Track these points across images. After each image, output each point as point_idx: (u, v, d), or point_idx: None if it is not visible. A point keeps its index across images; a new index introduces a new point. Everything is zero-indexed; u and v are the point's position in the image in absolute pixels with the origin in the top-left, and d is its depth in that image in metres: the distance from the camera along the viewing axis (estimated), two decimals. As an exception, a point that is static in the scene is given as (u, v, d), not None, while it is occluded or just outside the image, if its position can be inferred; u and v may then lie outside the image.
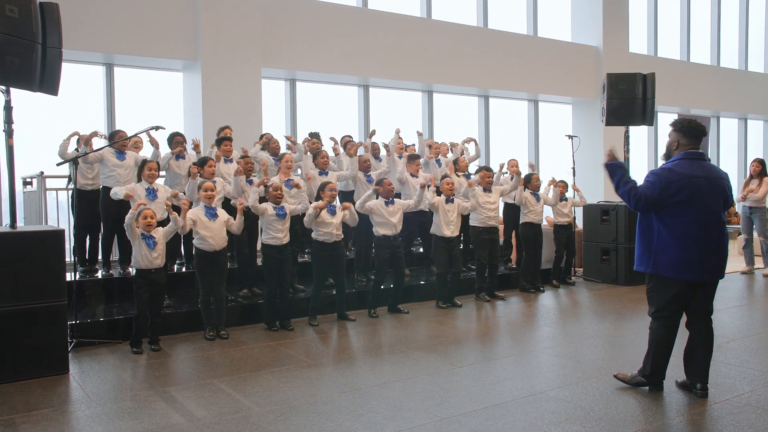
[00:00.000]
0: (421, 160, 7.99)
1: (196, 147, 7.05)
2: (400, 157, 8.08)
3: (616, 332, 5.97)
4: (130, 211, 5.33)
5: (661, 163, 4.19)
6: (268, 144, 7.52)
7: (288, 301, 6.17)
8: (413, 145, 8.61)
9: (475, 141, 8.85)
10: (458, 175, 7.90)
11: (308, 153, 7.36)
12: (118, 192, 5.92)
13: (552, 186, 8.29)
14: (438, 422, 3.72)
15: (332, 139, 8.06)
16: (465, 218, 7.63)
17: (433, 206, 6.94)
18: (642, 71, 8.82)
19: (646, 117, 8.72)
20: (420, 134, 8.34)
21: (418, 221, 7.67)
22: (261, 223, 6.14)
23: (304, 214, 6.25)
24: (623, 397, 4.11)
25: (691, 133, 4.00)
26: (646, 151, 14.88)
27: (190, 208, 5.77)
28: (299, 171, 7.52)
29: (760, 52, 17.03)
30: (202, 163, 6.24)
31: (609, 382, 4.39)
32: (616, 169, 4.09)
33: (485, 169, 7.54)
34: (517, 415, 3.83)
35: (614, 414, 3.82)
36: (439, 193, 7.17)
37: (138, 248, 5.33)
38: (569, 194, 8.44)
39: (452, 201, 7.03)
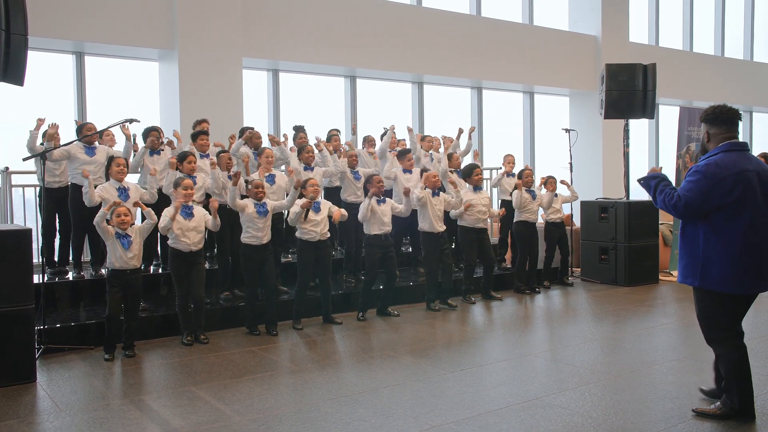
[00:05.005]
0: (414, 156, 7.99)
1: (176, 139, 7.04)
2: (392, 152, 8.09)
3: (615, 335, 6.01)
4: (101, 210, 5.29)
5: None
6: (251, 139, 7.48)
7: (274, 304, 6.16)
8: (404, 140, 8.61)
9: (462, 131, 8.78)
10: (451, 172, 7.92)
11: (293, 148, 7.33)
12: (103, 199, 5.76)
13: (542, 186, 8.30)
14: (428, 430, 3.73)
15: (319, 141, 7.92)
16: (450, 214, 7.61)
17: (422, 202, 6.93)
18: (643, 62, 8.87)
19: (647, 110, 8.76)
20: (410, 130, 8.36)
21: (407, 219, 7.65)
22: (241, 221, 6.11)
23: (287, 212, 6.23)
24: (622, 403, 4.14)
25: (721, 118, 3.67)
26: (647, 146, 14.98)
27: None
28: (283, 168, 7.49)
29: (767, 42, 17.17)
30: (181, 158, 6.20)
31: (607, 388, 4.42)
32: (651, 180, 3.81)
33: (474, 167, 7.56)
34: (512, 422, 3.84)
35: (613, 421, 3.84)
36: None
37: (112, 248, 5.30)
38: (559, 190, 8.46)
39: (438, 194, 7.04)
